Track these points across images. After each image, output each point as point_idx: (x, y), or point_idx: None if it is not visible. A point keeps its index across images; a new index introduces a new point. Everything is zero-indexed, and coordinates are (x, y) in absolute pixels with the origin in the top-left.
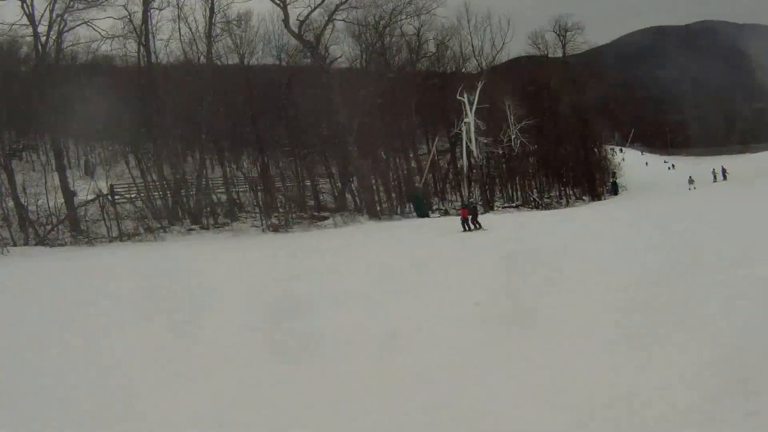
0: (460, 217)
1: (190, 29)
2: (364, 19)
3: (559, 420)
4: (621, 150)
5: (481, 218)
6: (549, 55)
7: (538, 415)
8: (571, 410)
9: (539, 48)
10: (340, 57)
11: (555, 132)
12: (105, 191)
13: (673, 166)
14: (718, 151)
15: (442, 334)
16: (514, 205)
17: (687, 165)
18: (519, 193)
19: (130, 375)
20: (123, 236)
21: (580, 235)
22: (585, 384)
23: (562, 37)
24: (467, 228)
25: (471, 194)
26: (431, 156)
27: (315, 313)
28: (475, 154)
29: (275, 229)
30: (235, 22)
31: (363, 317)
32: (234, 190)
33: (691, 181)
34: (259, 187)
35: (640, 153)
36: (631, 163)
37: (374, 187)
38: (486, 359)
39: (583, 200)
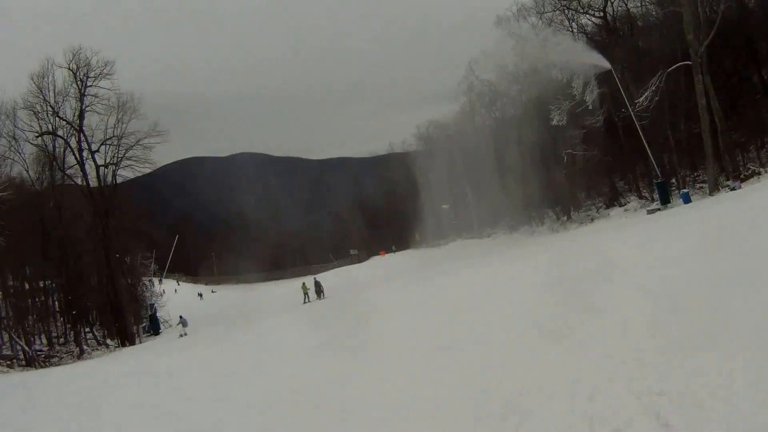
0: None
1: None
2: None
3: None
4: (160, 281)
5: None
6: (59, 114)
7: None
8: None
9: (42, 98)
10: None
11: (74, 253)
12: None
13: (200, 295)
14: (308, 270)
15: None
16: (6, 362)
17: (234, 292)
18: (19, 342)
19: None
20: None
21: None
22: None
23: (80, 82)
24: None
25: None
26: None
27: None
28: None
29: None
30: None
31: None
32: None
33: (184, 324)
34: None
35: (177, 283)
36: (171, 294)
37: None
38: None
39: (108, 346)
